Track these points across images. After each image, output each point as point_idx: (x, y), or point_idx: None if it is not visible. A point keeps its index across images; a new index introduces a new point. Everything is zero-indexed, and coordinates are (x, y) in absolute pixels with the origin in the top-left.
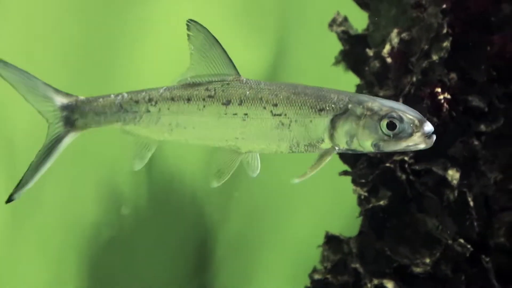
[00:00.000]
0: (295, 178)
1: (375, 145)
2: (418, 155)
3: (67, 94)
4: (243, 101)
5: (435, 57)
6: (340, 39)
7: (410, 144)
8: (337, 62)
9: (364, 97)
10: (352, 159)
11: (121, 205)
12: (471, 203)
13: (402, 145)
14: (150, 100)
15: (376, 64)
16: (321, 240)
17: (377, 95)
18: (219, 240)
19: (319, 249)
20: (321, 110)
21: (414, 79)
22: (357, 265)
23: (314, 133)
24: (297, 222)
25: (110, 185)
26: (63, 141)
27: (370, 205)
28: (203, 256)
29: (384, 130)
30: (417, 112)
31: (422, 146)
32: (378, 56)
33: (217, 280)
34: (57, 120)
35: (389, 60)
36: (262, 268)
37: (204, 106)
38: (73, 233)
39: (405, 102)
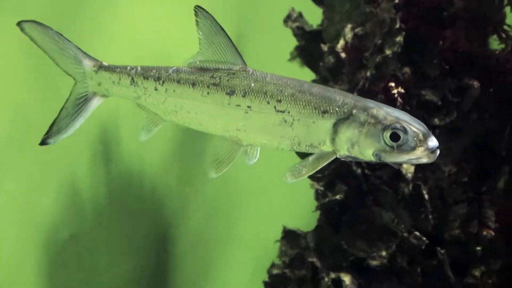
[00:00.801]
0: (287, 176)
1: (376, 155)
2: None
3: (93, 58)
4: (247, 93)
5: (388, 52)
6: (295, 35)
7: (412, 157)
8: (292, 58)
9: (371, 103)
10: (308, 154)
11: (80, 204)
12: (426, 196)
13: (404, 158)
14: (158, 78)
15: (331, 59)
16: (279, 235)
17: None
18: (179, 237)
19: (277, 244)
20: (324, 112)
21: (368, 73)
22: (315, 259)
23: (316, 135)
24: (256, 217)
25: (69, 184)
26: (91, 102)
27: (327, 200)
28: (164, 253)
29: (387, 141)
30: (423, 124)
31: (424, 160)
32: (333, 51)
33: (177, 276)
34: (85, 80)
35: (343, 55)
36: (221, 264)
37: (208, 93)
38: (31, 232)
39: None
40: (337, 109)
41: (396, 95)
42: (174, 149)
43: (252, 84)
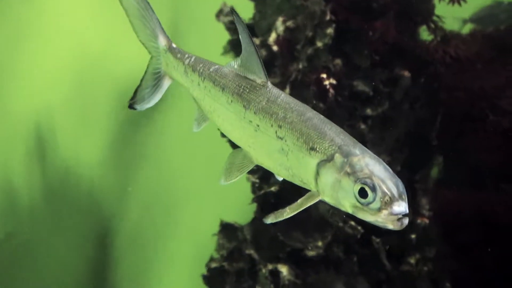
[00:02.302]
0: (267, 218)
1: (353, 209)
2: None
3: (167, 37)
4: (258, 110)
5: (319, 44)
6: (228, 29)
7: (378, 220)
8: (225, 52)
9: (358, 149)
10: None
11: (15, 202)
12: None
13: (370, 218)
14: (201, 74)
15: (263, 52)
16: (216, 229)
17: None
18: (118, 233)
19: (215, 237)
20: (312, 149)
21: (300, 66)
22: (252, 252)
23: (305, 172)
24: (194, 212)
25: (3, 182)
26: (164, 80)
27: (262, 192)
28: (102, 250)
29: (356, 195)
30: (400, 187)
31: (389, 226)
32: (265, 44)
33: (116, 273)
34: (159, 57)
35: (275, 48)
36: (161, 259)
37: (231, 101)
38: None
39: (292, 89)
40: (323, 148)
41: (328, 87)
42: (112, 145)
43: (263, 103)
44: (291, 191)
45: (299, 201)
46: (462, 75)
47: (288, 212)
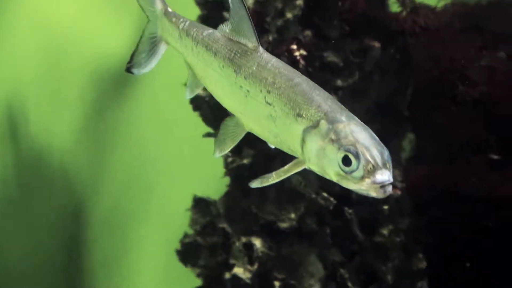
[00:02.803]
0: (253, 182)
1: (337, 177)
2: None
3: (164, 2)
4: (248, 75)
5: (289, 15)
6: (197, 4)
7: (362, 188)
8: None
9: (344, 116)
10: (213, 120)
11: None
12: None
13: (353, 187)
14: (195, 39)
15: None
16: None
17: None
18: (92, 214)
19: (189, 213)
20: (299, 115)
21: (271, 38)
22: (225, 225)
23: (292, 139)
24: (169, 189)
25: None
26: (160, 46)
27: (235, 165)
28: (77, 232)
29: (339, 163)
30: (385, 154)
31: (372, 194)
32: None
33: (92, 254)
34: (155, 21)
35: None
36: (135, 239)
37: (223, 67)
38: None
39: None
40: (309, 114)
41: (298, 58)
42: (84, 126)
43: (254, 68)
44: (264, 163)
45: (285, 167)
46: (432, 46)
47: (274, 178)
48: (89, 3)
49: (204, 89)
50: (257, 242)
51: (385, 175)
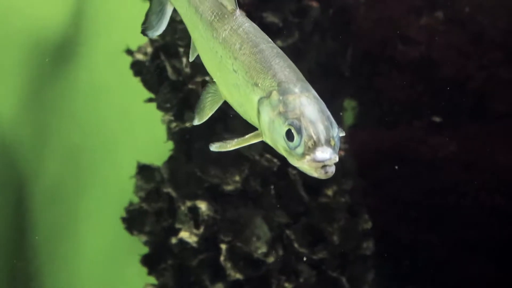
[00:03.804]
0: (213, 145)
1: (286, 153)
2: None
3: None
4: (222, 41)
5: None
6: None
7: (303, 166)
8: None
9: (298, 88)
10: (155, 85)
11: None
12: None
13: (298, 165)
14: (188, 0)
15: None
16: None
17: (175, 20)
18: (35, 186)
19: (134, 180)
20: (255, 84)
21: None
22: (170, 190)
23: (250, 110)
24: (112, 157)
25: None
26: (167, 7)
27: (177, 129)
28: (20, 205)
29: (284, 137)
30: (332, 131)
31: (314, 174)
32: None
33: (36, 228)
34: None
35: None
36: (81, 211)
37: (205, 30)
38: None
39: None
40: (264, 84)
41: None
42: (24, 98)
43: (227, 32)
44: (206, 127)
45: (245, 136)
46: (371, 5)
47: (232, 145)
48: None
49: (145, 53)
50: (202, 206)
51: (326, 153)
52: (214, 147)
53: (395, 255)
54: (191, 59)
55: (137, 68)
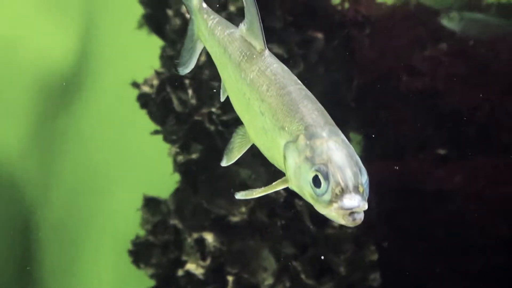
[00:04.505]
0: (238, 193)
1: (312, 200)
2: (225, 104)
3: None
4: (249, 82)
5: (232, 8)
6: (141, 2)
7: (332, 214)
8: (140, 26)
9: (326, 132)
10: (161, 117)
11: None
12: None
13: (325, 212)
14: (217, 38)
15: (177, 21)
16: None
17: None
18: (42, 223)
19: (140, 213)
20: (282, 128)
21: None
22: (176, 222)
23: (277, 154)
24: (119, 190)
25: None
26: (197, 44)
27: (184, 161)
28: (27, 239)
29: (311, 184)
30: (361, 177)
31: (342, 222)
32: (178, 13)
33: (42, 262)
34: (193, 17)
35: (189, 16)
36: (87, 244)
37: (234, 70)
38: None
39: (208, 55)
40: (291, 127)
41: None
42: (31, 132)
43: (255, 73)
44: (212, 158)
45: (273, 184)
46: (375, 36)
47: (258, 192)
48: (33, 7)
49: (151, 86)
50: (209, 237)
51: (354, 201)
52: (240, 196)
53: (402, 287)
54: (222, 99)
55: (143, 100)
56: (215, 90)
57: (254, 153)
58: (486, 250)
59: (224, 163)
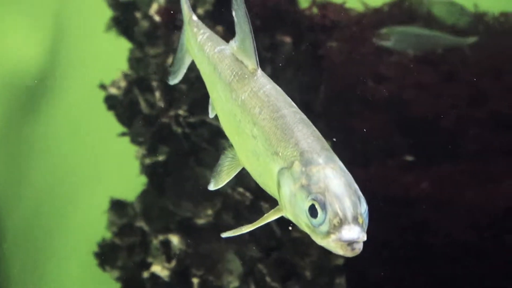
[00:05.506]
0: (225, 233)
1: (309, 230)
2: (192, 107)
3: (190, 9)
4: (241, 103)
5: (200, 11)
6: (110, 5)
7: (330, 245)
8: (108, 28)
9: (322, 158)
10: (127, 118)
11: None
12: None
13: (322, 243)
14: (207, 55)
15: (145, 24)
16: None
17: (148, 54)
18: (9, 223)
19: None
20: (275, 153)
21: None
22: (142, 224)
23: (270, 180)
24: (86, 193)
25: None
26: (187, 55)
27: (150, 163)
28: None
29: (307, 213)
30: (360, 207)
31: (340, 252)
32: (146, 16)
33: (8, 264)
34: (184, 29)
35: (157, 18)
36: (54, 247)
37: (223, 90)
38: None
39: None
40: (285, 153)
41: None
42: None
43: (246, 94)
44: (179, 160)
45: (264, 216)
46: (343, 42)
47: (248, 227)
48: (2, 8)
49: (119, 87)
50: (175, 240)
51: (353, 232)
52: (227, 234)
53: None
54: (211, 116)
55: (111, 102)
56: (184, 96)
57: (221, 156)
58: (452, 255)
59: (211, 187)
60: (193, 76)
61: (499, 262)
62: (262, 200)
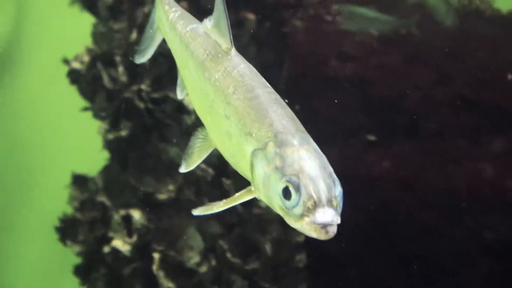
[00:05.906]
0: (196, 210)
1: (282, 212)
2: (156, 82)
3: None
4: (214, 83)
5: None
6: None
7: (304, 228)
8: (72, 3)
9: (297, 139)
10: (90, 93)
11: None
12: None
13: (296, 226)
14: (179, 33)
15: None
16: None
17: (112, 29)
18: None
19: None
20: (249, 134)
21: (146, 10)
22: (104, 199)
23: (243, 161)
24: (48, 167)
25: None
26: (157, 34)
27: (113, 137)
28: None
29: (280, 195)
30: (335, 190)
31: (314, 235)
32: None
33: None
34: (155, 7)
35: None
36: (16, 222)
37: (196, 69)
38: None
39: (139, 33)
40: (259, 134)
41: None
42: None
43: (220, 73)
44: (142, 135)
45: (235, 195)
46: (307, 20)
47: (221, 205)
48: None
49: (82, 62)
50: (136, 214)
51: (327, 215)
52: (198, 212)
53: (328, 269)
54: (179, 97)
55: (74, 76)
56: (147, 71)
57: (184, 131)
58: (413, 234)
59: (183, 169)
60: (156, 52)
61: (458, 241)
62: (224, 176)
